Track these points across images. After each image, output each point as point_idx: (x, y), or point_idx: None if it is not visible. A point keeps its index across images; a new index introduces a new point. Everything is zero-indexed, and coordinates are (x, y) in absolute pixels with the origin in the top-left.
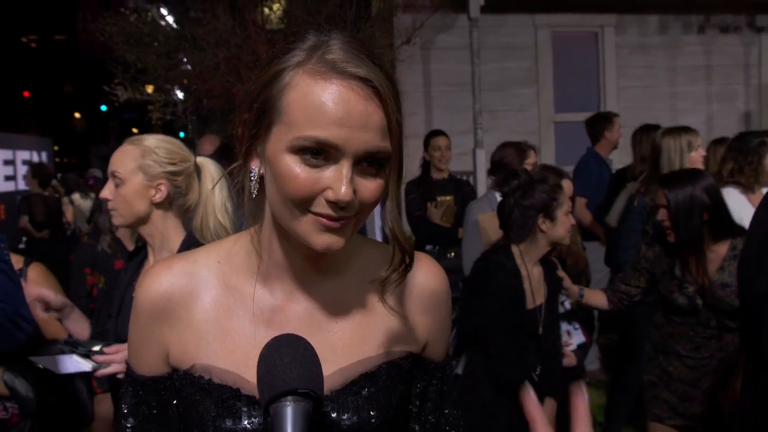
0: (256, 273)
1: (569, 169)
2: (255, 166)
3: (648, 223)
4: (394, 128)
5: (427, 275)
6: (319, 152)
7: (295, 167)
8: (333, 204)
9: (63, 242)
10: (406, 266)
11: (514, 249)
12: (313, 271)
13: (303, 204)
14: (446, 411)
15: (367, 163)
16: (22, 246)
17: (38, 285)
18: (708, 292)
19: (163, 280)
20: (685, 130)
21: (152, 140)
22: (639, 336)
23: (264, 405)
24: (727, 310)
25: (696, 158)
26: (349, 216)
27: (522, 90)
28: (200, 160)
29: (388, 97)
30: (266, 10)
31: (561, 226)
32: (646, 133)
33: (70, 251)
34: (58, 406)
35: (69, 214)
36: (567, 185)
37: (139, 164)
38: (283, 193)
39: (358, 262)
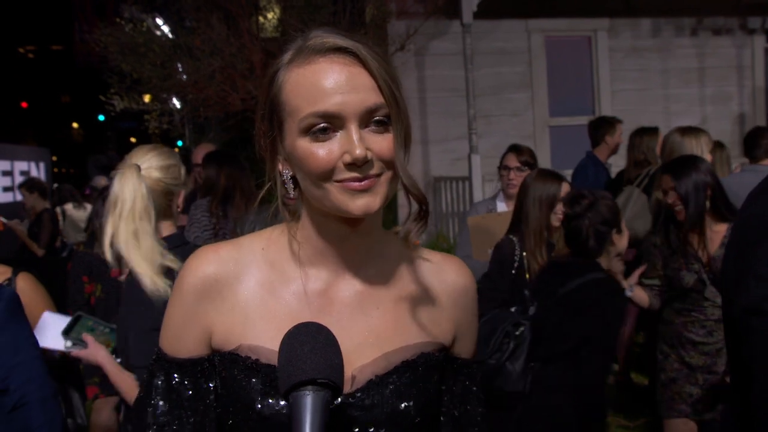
0: (300, 259)
1: (566, 172)
2: (285, 169)
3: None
4: (382, 85)
5: (457, 273)
6: (325, 127)
7: (310, 147)
8: (352, 166)
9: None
10: (424, 213)
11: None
12: (352, 258)
13: (328, 176)
14: (469, 408)
15: (372, 123)
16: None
17: (27, 295)
18: (711, 267)
19: (210, 261)
20: (702, 131)
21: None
22: None
23: (283, 393)
24: None
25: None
26: (373, 174)
27: (516, 95)
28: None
29: (366, 58)
30: (261, 19)
31: (625, 237)
32: (639, 136)
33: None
34: None
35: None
36: (566, 188)
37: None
38: (308, 173)
39: (387, 257)
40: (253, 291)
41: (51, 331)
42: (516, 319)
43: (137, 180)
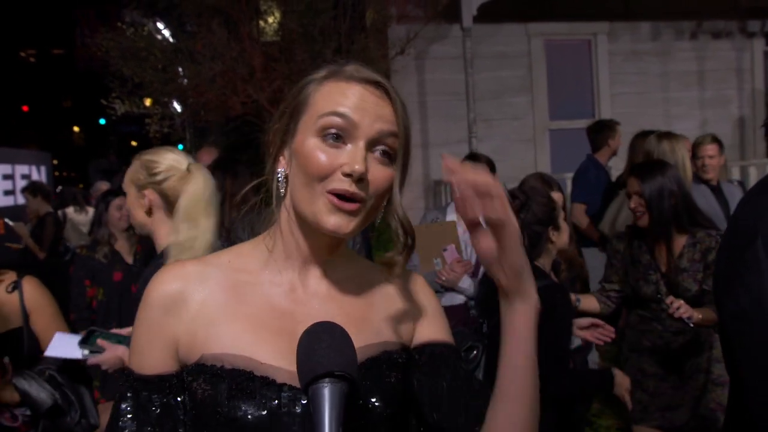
0: (268, 263)
1: (566, 175)
2: (282, 167)
3: None
4: (400, 125)
5: (416, 285)
6: (338, 134)
7: (317, 148)
8: (349, 176)
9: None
10: (410, 247)
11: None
12: (318, 265)
13: (322, 180)
14: (459, 404)
15: (379, 152)
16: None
17: (34, 299)
18: (669, 277)
19: (177, 276)
20: (680, 137)
21: (146, 154)
22: None
23: (303, 387)
24: (687, 296)
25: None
26: (361, 196)
27: (516, 98)
28: (193, 167)
29: (396, 100)
30: (261, 23)
31: (564, 233)
32: (638, 139)
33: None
34: (63, 410)
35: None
36: (558, 196)
37: (130, 178)
38: (306, 172)
39: (353, 267)
40: (217, 297)
41: (66, 344)
42: (469, 341)
43: (203, 178)
